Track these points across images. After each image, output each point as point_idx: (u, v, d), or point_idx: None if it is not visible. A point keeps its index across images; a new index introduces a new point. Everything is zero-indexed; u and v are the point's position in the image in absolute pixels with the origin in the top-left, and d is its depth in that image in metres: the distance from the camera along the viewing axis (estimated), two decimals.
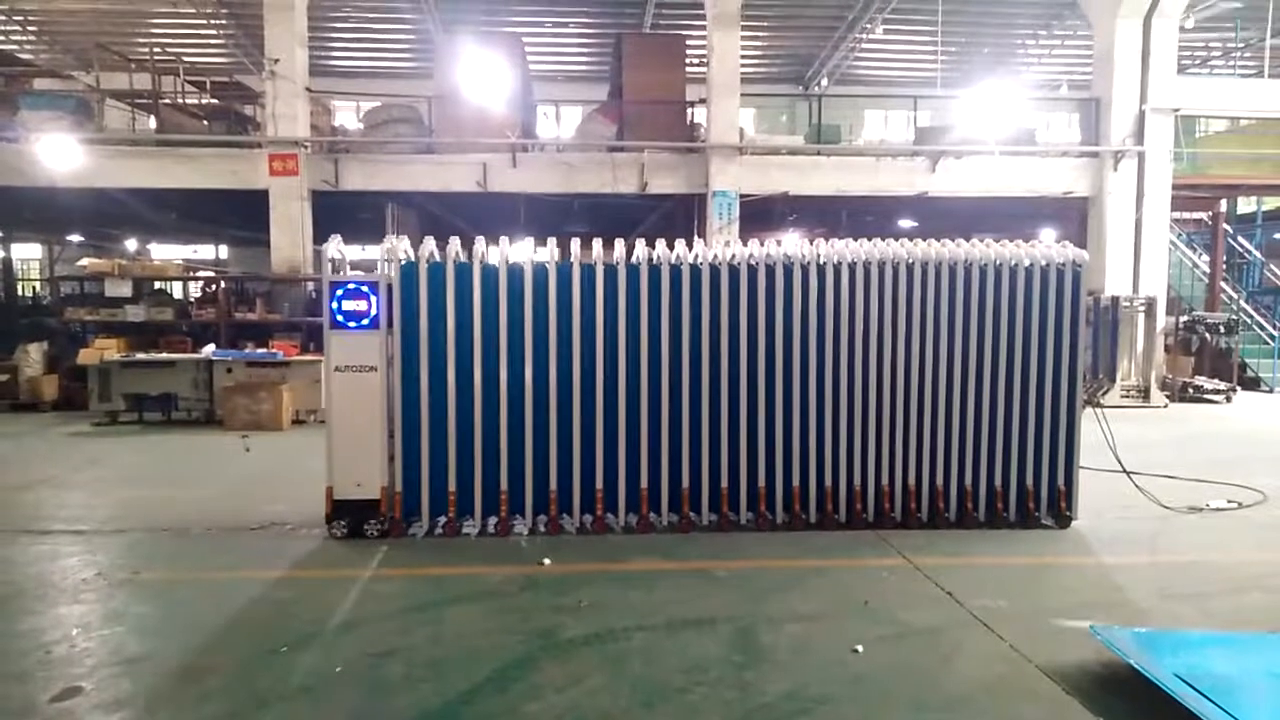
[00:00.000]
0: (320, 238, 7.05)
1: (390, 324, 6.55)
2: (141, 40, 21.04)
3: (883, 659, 4.45)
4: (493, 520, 6.70)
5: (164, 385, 12.79)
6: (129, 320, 14.79)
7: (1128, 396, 15.27)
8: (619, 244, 6.98)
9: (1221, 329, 17.14)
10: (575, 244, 6.96)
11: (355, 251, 21.24)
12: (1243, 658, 4.39)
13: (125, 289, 14.96)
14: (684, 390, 6.76)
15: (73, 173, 14.46)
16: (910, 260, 6.90)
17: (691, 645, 4.62)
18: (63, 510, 7.71)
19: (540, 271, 6.69)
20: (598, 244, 6.83)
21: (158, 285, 17.47)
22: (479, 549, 6.42)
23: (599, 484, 6.72)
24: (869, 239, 7.06)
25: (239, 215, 16.92)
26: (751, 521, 6.86)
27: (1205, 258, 20.21)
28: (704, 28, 16.22)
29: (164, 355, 13.15)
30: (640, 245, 6.82)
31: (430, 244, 6.67)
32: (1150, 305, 15.57)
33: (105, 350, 13.16)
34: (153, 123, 16.51)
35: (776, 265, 6.83)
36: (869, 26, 21.96)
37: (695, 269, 6.83)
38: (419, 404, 6.60)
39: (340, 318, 6.52)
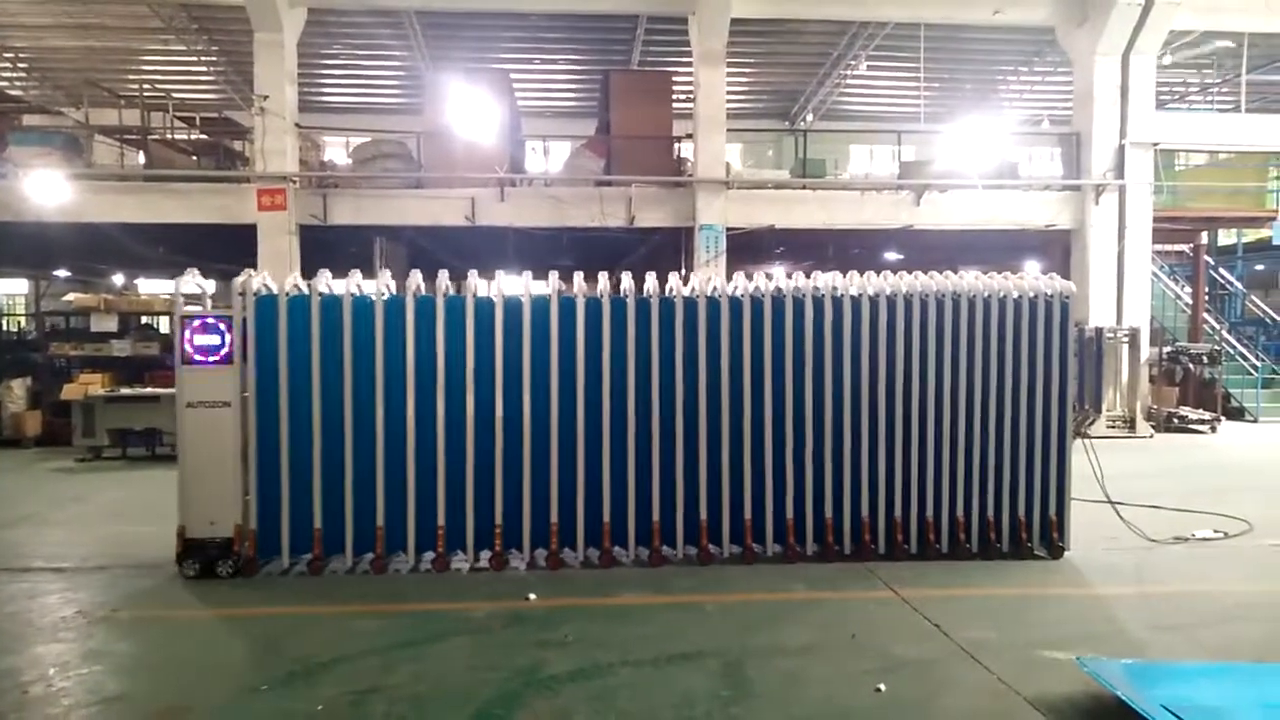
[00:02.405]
0: (309, 272, 7.03)
1: (245, 358, 6.44)
2: (131, 77, 21.11)
3: (870, 693, 4.42)
4: (369, 557, 6.58)
5: (149, 420, 12.69)
6: (114, 355, 14.69)
7: (1114, 427, 15.33)
8: (574, 276, 6.98)
9: (1205, 359, 17.27)
10: (553, 276, 6.91)
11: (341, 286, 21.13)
12: (1231, 688, 4.38)
13: (111, 324, 14.87)
14: (673, 425, 6.76)
15: (61, 208, 14.44)
16: (902, 292, 6.96)
17: (679, 679, 4.58)
18: (43, 547, 7.62)
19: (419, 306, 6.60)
20: (578, 277, 6.86)
21: (144, 320, 17.39)
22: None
23: (498, 520, 6.64)
24: (856, 271, 7.12)
25: (227, 250, 16.87)
26: (738, 555, 6.82)
27: (1187, 289, 20.41)
28: (690, 65, 16.42)
29: (149, 390, 13.06)
30: (603, 278, 6.84)
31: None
32: (1134, 336, 15.68)
33: (90, 385, 13.05)
34: (142, 158, 16.55)
35: (765, 299, 6.86)
36: (853, 63, 22.27)
37: (689, 302, 6.82)
38: (278, 441, 6.43)
39: (191, 351, 6.38)
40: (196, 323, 6.37)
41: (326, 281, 6.61)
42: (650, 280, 7.06)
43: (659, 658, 4.87)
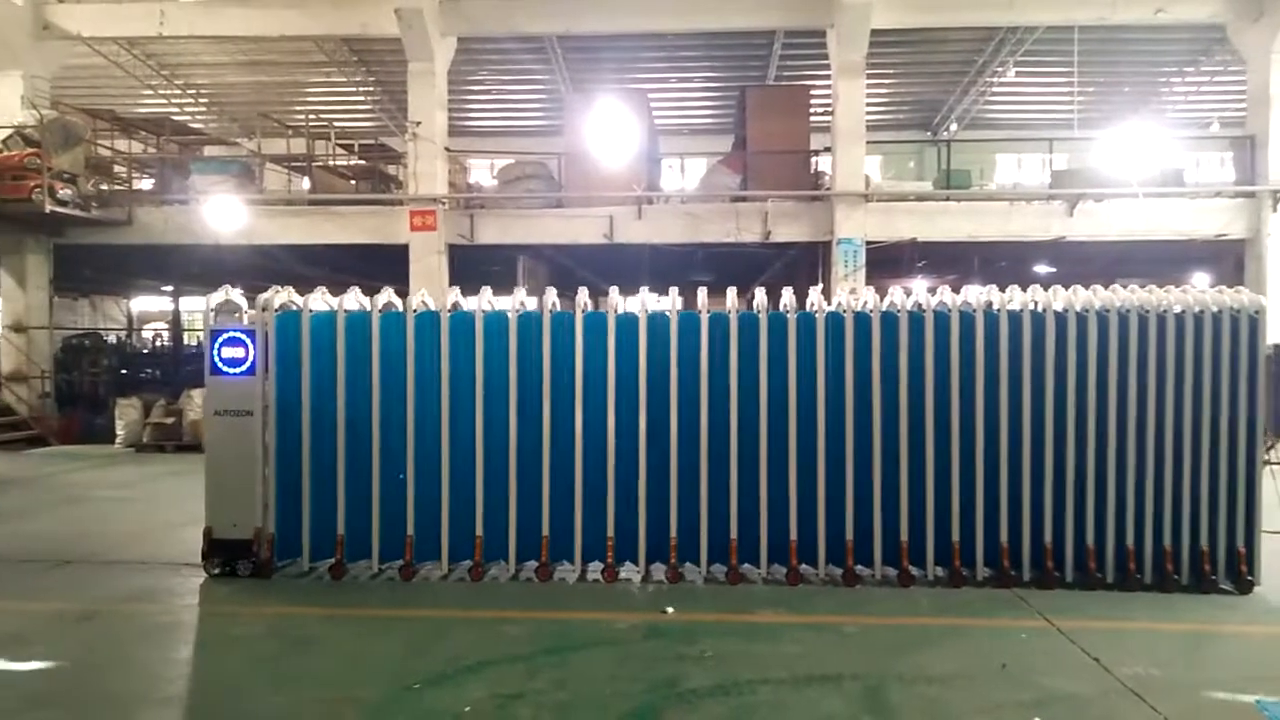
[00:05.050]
0: (458, 290, 7.33)
1: (267, 370, 6.65)
2: (298, 108, 22.68)
3: None
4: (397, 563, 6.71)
5: None
6: None
7: None
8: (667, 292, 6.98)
9: None
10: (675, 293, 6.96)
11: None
12: None
13: None
14: (817, 441, 6.67)
15: (235, 231, 15.64)
16: (1075, 308, 6.64)
17: (819, 701, 4.52)
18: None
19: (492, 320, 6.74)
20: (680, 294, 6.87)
21: None
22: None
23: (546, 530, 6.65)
24: (1002, 286, 6.86)
25: (382, 269, 17.82)
26: (895, 577, 6.63)
27: None
28: (829, 77, 16.24)
29: None
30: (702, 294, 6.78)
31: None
32: None
33: None
34: (306, 183, 17.73)
35: (900, 314, 6.68)
36: (1000, 70, 21.48)
37: (835, 317, 6.72)
38: (299, 448, 6.63)
39: (219, 363, 6.64)
40: (224, 336, 6.69)
41: (488, 299, 6.89)
42: (815, 294, 7.02)
43: (798, 678, 4.82)
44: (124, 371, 18.67)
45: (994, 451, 6.61)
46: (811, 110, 16.91)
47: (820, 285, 8.88)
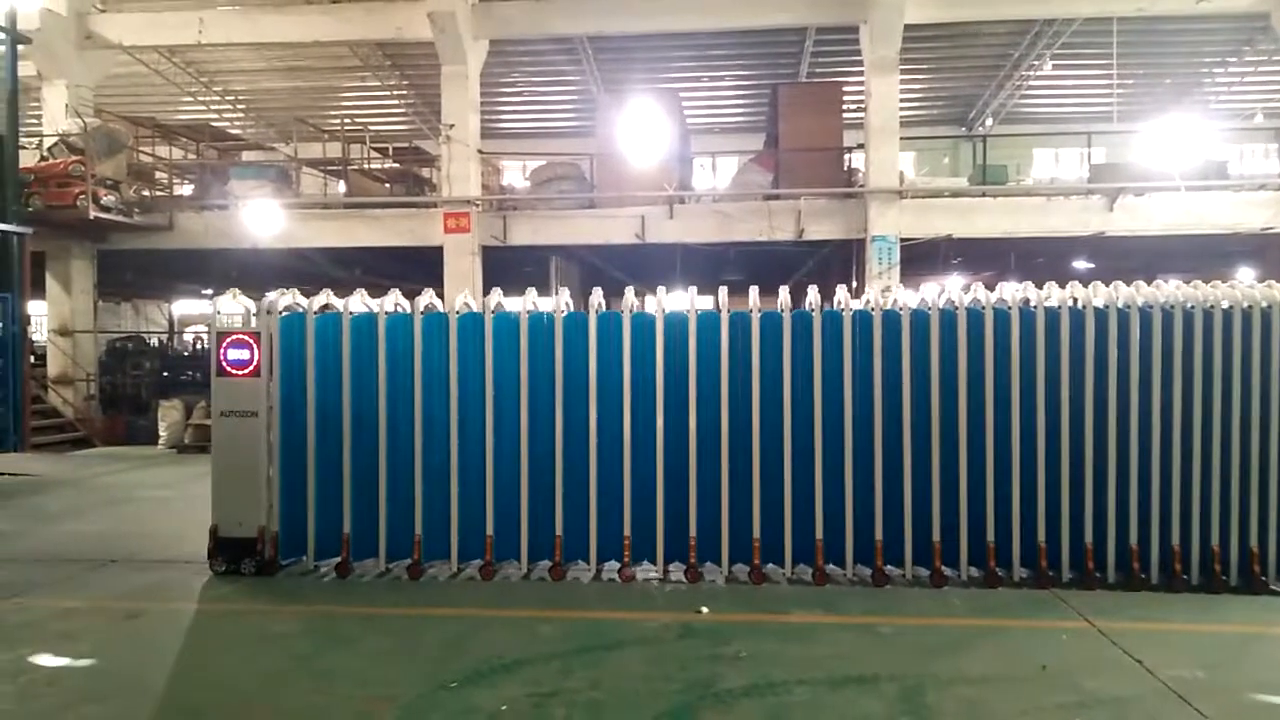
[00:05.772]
0: (489, 291, 7.38)
1: (272, 371, 6.71)
2: (333, 112, 22.95)
3: None
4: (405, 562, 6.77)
5: None
6: None
7: None
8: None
9: None
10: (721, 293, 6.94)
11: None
12: None
13: None
14: (846, 441, 6.62)
15: (273, 235, 15.86)
16: (1115, 304, 6.52)
17: (855, 702, 4.49)
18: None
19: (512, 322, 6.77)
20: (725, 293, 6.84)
21: None
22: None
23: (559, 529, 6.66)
24: (1039, 282, 6.75)
25: (417, 271, 18.02)
26: (927, 578, 6.56)
27: None
28: (861, 73, 16.11)
29: None
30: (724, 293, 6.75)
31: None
32: None
33: None
34: (342, 187, 17.94)
35: (933, 312, 6.60)
36: (1036, 63, 21.18)
37: (892, 315, 6.64)
38: (304, 450, 6.70)
39: (226, 365, 6.72)
40: (230, 338, 6.78)
41: (535, 300, 6.95)
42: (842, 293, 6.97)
43: (833, 679, 4.79)
44: (166, 374, 18.98)
45: (1031, 450, 6.51)
46: (844, 107, 16.80)
47: (854, 283, 8.82)
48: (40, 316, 17.90)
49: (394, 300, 7.02)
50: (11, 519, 9.23)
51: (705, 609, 5.99)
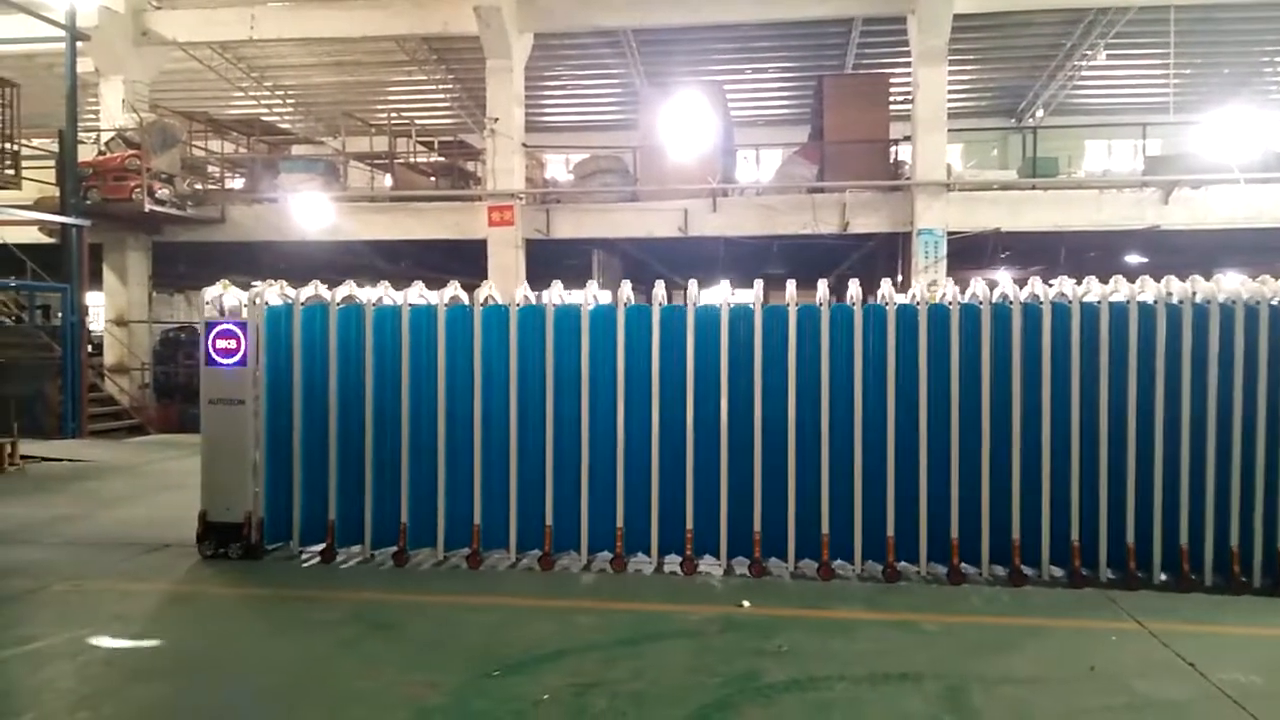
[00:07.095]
0: (532, 284, 7.42)
1: (258, 361, 6.81)
2: (380, 106, 23.23)
3: None
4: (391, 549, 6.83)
5: None
6: None
7: None
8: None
9: None
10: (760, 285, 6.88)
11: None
12: None
13: None
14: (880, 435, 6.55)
15: (321, 228, 16.11)
16: (1159, 298, 6.35)
17: (897, 700, 4.45)
18: None
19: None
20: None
21: None
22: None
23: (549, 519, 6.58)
24: (1102, 278, 6.60)
25: (460, 263, 18.21)
26: (1006, 577, 6.42)
27: None
28: (908, 65, 15.90)
29: None
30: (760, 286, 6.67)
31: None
32: None
33: None
34: (388, 180, 18.16)
35: (984, 307, 6.48)
36: (1089, 54, 20.70)
37: (908, 310, 6.55)
38: (290, 437, 6.80)
39: (214, 355, 6.82)
40: (218, 328, 6.89)
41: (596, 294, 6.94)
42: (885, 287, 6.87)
43: (875, 675, 4.75)
44: None
45: (1093, 447, 6.35)
46: (891, 98, 16.60)
47: (899, 278, 8.72)
48: (97, 307, 18.38)
49: (452, 292, 7.15)
50: (72, 503, 9.50)
51: (746, 603, 5.97)
